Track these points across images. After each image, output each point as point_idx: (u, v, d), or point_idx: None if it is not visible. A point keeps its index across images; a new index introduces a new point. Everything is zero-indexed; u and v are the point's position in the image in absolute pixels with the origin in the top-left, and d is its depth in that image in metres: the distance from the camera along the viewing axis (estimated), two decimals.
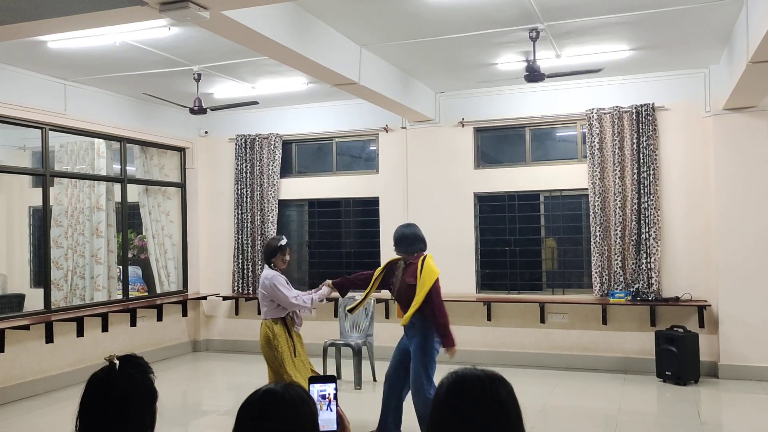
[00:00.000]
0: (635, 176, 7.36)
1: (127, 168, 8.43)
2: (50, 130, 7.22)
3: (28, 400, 6.71)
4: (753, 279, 6.93)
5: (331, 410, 1.89)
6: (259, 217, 8.92)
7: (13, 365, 6.71)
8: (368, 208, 8.70)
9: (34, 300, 7.84)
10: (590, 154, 7.54)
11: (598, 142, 7.49)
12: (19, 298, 8.52)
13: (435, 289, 4.80)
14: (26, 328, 6.71)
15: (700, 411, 6.05)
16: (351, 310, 5.43)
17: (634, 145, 7.37)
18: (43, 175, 7.28)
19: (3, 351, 6.51)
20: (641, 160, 7.34)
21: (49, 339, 7.01)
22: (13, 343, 6.67)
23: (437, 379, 1.70)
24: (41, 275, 7.61)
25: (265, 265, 5.17)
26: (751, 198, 6.96)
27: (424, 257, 4.91)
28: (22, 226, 9.67)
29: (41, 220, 7.48)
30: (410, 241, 5.00)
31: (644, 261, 7.29)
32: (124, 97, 8.11)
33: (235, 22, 4.42)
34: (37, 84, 7.00)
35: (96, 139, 8.20)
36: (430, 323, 4.83)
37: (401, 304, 4.99)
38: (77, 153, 8.44)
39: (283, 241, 5.18)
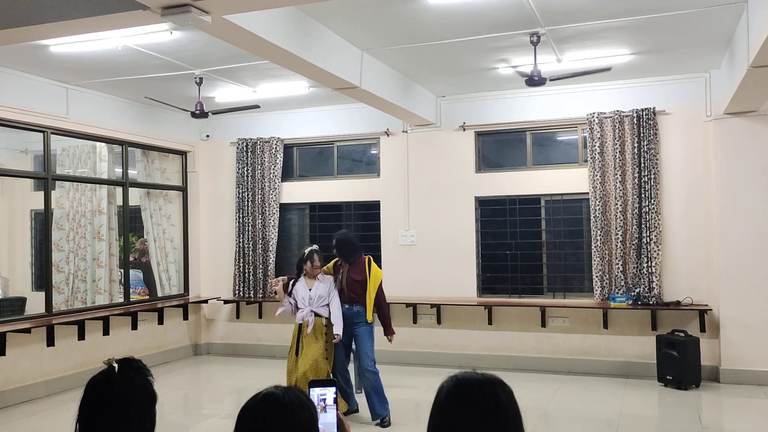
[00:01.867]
0: (636, 180, 7.37)
1: (129, 171, 8.44)
2: (52, 133, 7.24)
3: (29, 404, 6.71)
4: (754, 283, 6.92)
5: (331, 414, 1.89)
6: (260, 221, 8.93)
7: (14, 368, 6.71)
8: (369, 211, 8.71)
9: (36, 303, 7.85)
10: (591, 158, 7.54)
11: (599, 146, 7.50)
12: (21, 302, 8.52)
13: (381, 287, 5.95)
14: (27, 331, 6.72)
15: (701, 415, 6.05)
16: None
17: (635, 149, 7.38)
18: (45, 179, 7.29)
19: (4, 354, 6.52)
20: (642, 164, 7.34)
21: (50, 342, 7.02)
22: (15, 347, 6.67)
23: (438, 382, 1.71)
24: (43, 278, 7.62)
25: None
26: (752, 202, 6.96)
27: (369, 259, 5.97)
28: (24, 229, 9.68)
29: (43, 223, 7.50)
30: (351, 248, 6.00)
31: (645, 265, 7.29)
32: (126, 101, 8.13)
33: (237, 26, 4.44)
34: (39, 88, 7.02)
35: (98, 143, 8.22)
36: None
37: (343, 297, 5.90)
38: (79, 156, 8.46)
39: (307, 249, 6.01)
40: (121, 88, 7.61)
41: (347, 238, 6.13)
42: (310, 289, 5.83)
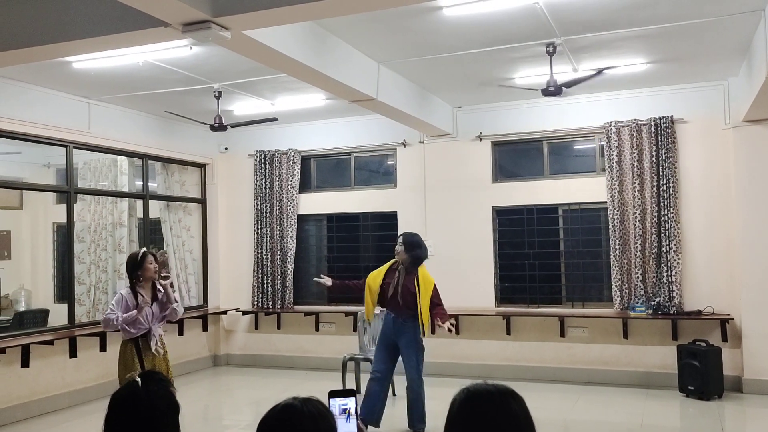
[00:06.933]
0: (654, 189, 7.32)
1: (149, 184, 8.55)
2: (74, 147, 7.36)
3: (53, 415, 6.79)
4: None
5: (352, 424, 1.91)
6: (278, 232, 8.99)
7: (37, 380, 6.80)
8: (386, 222, 8.72)
9: (58, 315, 7.95)
10: (609, 167, 7.51)
11: (616, 155, 7.47)
12: (44, 314, 8.64)
13: (436, 292, 5.62)
14: (50, 343, 6.81)
15: (724, 426, 5.98)
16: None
17: (653, 158, 7.34)
18: (68, 192, 7.41)
19: (28, 366, 6.60)
20: (660, 173, 7.30)
21: (73, 354, 7.10)
22: (38, 358, 6.76)
23: (451, 394, 1.72)
24: (65, 290, 7.72)
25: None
26: None
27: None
28: (46, 242, 9.82)
29: (65, 236, 7.59)
30: (418, 246, 5.67)
31: (665, 274, 7.23)
32: (147, 115, 8.24)
33: (256, 41, 4.50)
34: (61, 103, 7.14)
35: (119, 157, 8.33)
36: (417, 323, 5.58)
37: (395, 304, 5.63)
38: (100, 170, 8.58)
39: (142, 251, 5.24)
40: (141, 103, 7.72)
41: (415, 238, 5.75)
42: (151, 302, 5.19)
